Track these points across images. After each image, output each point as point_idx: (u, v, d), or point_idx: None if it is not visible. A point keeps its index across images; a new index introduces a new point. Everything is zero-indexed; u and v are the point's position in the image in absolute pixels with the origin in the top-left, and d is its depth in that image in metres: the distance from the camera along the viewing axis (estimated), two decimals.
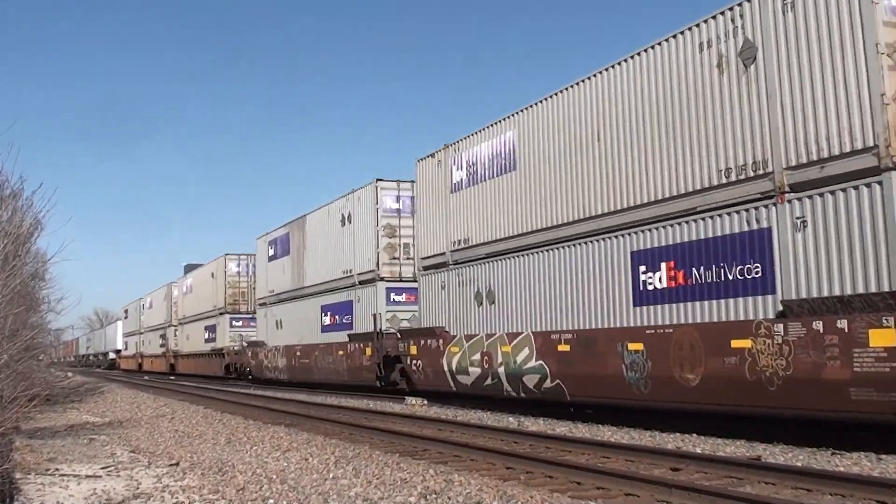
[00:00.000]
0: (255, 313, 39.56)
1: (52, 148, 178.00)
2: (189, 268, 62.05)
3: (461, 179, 20.65)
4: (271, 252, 37.16)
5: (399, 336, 23.74)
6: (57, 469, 11.21)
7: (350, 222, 28.44)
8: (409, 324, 25.45)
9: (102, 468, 11.31)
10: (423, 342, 21.79)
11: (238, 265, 42.87)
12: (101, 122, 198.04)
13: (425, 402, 21.74)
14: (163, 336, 59.33)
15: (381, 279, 26.39)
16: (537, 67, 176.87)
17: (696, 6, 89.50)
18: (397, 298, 26.43)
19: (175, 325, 55.66)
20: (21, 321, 15.42)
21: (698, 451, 11.33)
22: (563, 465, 9.93)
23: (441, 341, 20.78)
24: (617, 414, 15.36)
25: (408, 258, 26.27)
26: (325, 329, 30.50)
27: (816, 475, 8.68)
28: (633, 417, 14.89)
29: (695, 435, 12.98)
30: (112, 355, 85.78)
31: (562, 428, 14.90)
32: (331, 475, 10.07)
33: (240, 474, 10.32)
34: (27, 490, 9.50)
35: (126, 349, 77.46)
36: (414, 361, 22.18)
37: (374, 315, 25.70)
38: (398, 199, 26.92)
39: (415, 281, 24.80)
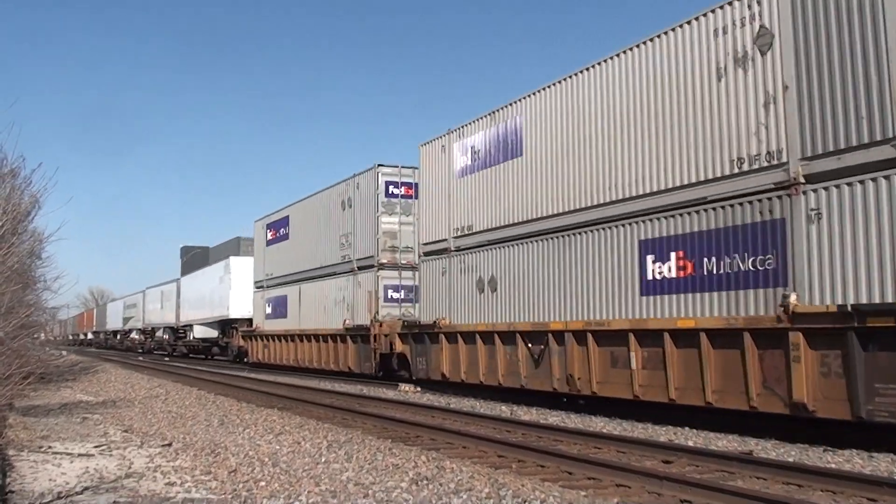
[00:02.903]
0: None
1: (53, 130, 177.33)
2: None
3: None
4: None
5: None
6: (50, 447, 11.23)
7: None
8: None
9: (95, 447, 11.33)
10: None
11: None
12: (103, 114, 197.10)
13: (418, 388, 21.78)
14: None
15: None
16: (546, 58, 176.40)
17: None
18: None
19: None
20: (17, 299, 15.42)
21: (690, 444, 11.35)
22: (554, 455, 9.95)
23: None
24: (609, 405, 15.37)
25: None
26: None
27: (808, 471, 8.71)
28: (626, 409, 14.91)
29: (687, 428, 13.00)
30: (206, 331, 46.30)
31: (554, 418, 14.93)
32: (323, 459, 10.09)
33: (232, 456, 10.35)
34: (20, 467, 9.52)
35: (273, 314, 34.78)
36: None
37: None
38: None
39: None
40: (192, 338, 49.61)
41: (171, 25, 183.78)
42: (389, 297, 25.75)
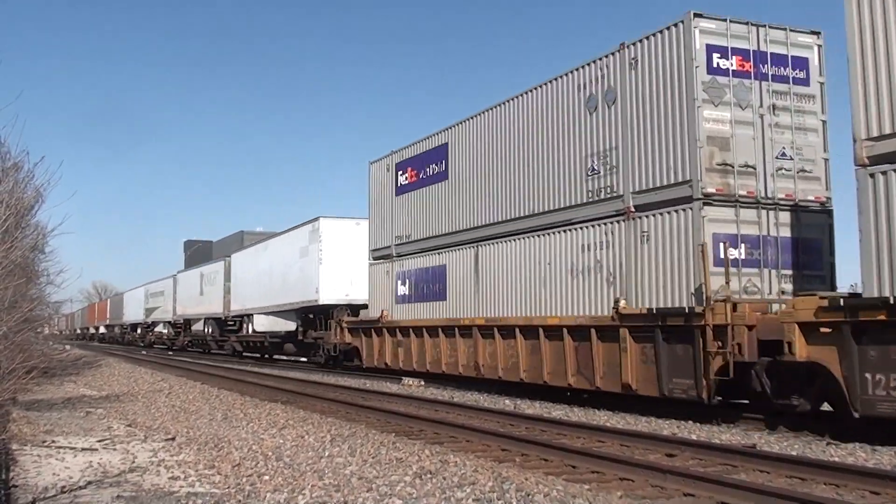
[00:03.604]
0: None
1: (59, 125, 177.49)
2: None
3: None
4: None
5: None
6: (53, 441, 11.25)
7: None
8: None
9: (99, 441, 11.35)
10: None
11: None
12: (108, 109, 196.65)
13: (422, 382, 21.77)
14: None
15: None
16: (546, 55, 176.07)
17: None
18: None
19: None
20: (20, 293, 15.44)
21: (694, 437, 11.36)
22: (558, 449, 9.95)
23: None
24: (613, 399, 15.39)
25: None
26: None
27: (811, 464, 8.71)
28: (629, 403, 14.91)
29: (690, 422, 13.01)
30: (275, 323, 35.45)
31: (558, 412, 14.93)
32: (326, 453, 10.10)
33: (235, 450, 10.36)
34: (23, 461, 9.53)
35: (412, 297, 23.20)
36: None
37: None
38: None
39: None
40: (249, 331, 38.42)
41: (176, 22, 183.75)
42: (721, 256, 13.54)
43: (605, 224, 15.68)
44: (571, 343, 16.12)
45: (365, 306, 26.52)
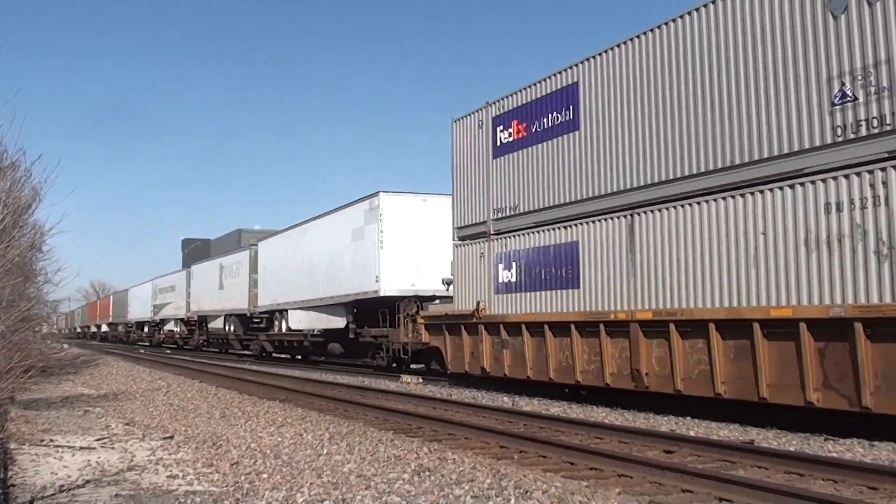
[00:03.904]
0: None
1: (58, 124, 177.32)
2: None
3: None
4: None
5: None
6: (52, 440, 11.24)
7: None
8: None
9: (97, 440, 11.35)
10: None
11: None
12: (109, 109, 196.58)
13: (420, 379, 21.79)
14: None
15: None
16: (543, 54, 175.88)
17: None
18: None
19: None
20: (18, 292, 15.44)
21: (692, 434, 11.37)
22: (556, 445, 9.96)
23: None
24: (612, 396, 15.40)
25: None
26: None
27: (809, 460, 8.72)
28: (629, 400, 14.92)
29: (689, 418, 13.02)
30: (317, 319, 30.52)
31: (556, 408, 14.95)
32: (325, 451, 10.10)
33: (234, 448, 10.36)
34: (21, 461, 9.53)
35: (522, 284, 17.37)
36: None
37: None
38: None
39: None
40: (283, 329, 33.82)
41: (176, 22, 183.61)
42: None
43: (868, 172, 10.78)
44: (813, 344, 11.35)
45: (433, 298, 22.70)
